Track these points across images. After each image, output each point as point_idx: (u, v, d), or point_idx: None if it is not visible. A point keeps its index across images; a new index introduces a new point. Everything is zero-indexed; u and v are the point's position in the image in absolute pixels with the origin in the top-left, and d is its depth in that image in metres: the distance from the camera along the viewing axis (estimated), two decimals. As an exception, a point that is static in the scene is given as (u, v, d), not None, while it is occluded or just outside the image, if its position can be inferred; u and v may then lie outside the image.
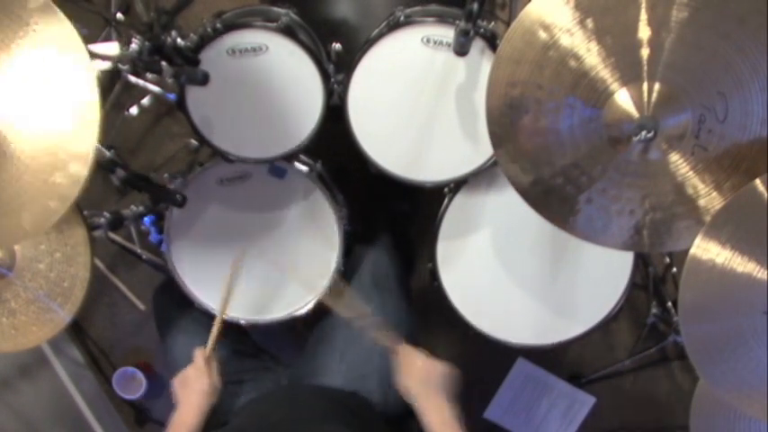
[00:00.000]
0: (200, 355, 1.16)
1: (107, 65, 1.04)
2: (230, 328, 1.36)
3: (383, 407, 1.16)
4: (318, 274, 1.32)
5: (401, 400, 1.10)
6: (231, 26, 1.15)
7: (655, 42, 0.86)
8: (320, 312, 1.33)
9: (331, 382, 1.18)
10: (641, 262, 1.64)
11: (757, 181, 0.86)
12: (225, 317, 1.23)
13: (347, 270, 1.34)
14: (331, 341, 1.25)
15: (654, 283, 1.67)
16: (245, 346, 1.39)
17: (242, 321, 1.34)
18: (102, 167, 1.12)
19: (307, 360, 1.28)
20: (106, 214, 1.25)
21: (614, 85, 0.89)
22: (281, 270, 1.34)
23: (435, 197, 1.32)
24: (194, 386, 1.12)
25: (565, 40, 0.88)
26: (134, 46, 1.03)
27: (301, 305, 1.34)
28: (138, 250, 1.64)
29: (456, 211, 1.29)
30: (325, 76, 1.19)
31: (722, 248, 0.88)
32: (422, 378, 1.05)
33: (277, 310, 1.34)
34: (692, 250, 0.90)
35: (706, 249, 0.89)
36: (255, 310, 1.34)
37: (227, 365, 1.30)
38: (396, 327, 1.17)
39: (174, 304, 1.36)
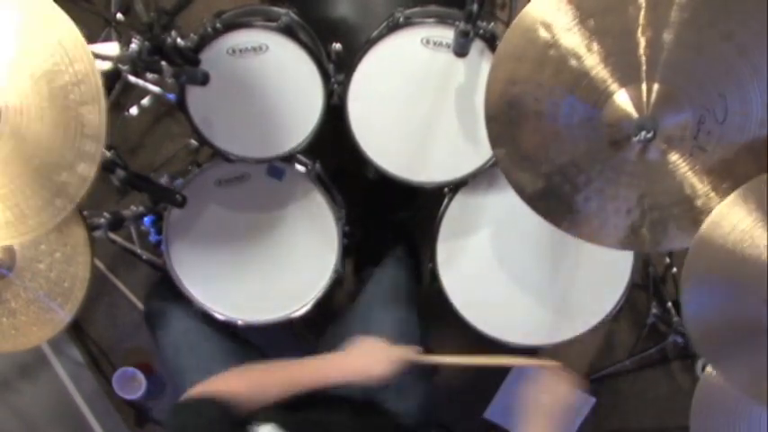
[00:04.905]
0: (411, 352, 1.07)
1: (107, 65, 1.04)
2: (231, 330, 1.35)
3: (399, 416, 1.14)
4: (317, 274, 1.32)
5: (418, 409, 1.08)
6: (231, 26, 1.15)
7: (655, 43, 0.86)
8: (320, 313, 1.33)
9: (346, 388, 1.17)
10: (641, 262, 1.64)
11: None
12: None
13: (360, 285, 1.32)
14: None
15: (654, 283, 1.67)
16: (250, 353, 1.38)
17: (239, 322, 1.33)
18: (102, 167, 1.12)
19: None
20: (106, 214, 1.25)
21: (614, 86, 0.89)
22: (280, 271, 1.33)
23: (435, 197, 1.32)
24: (381, 354, 1.04)
25: (565, 40, 0.88)
26: (134, 46, 1.03)
27: (299, 306, 1.33)
28: (138, 250, 1.64)
29: (456, 212, 1.29)
30: (326, 76, 1.19)
31: (730, 233, 0.89)
32: (553, 405, 1.02)
33: (274, 311, 1.34)
34: (703, 228, 0.90)
35: (717, 227, 0.89)
36: (252, 310, 1.34)
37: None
38: (411, 339, 1.15)
39: (169, 296, 1.34)
